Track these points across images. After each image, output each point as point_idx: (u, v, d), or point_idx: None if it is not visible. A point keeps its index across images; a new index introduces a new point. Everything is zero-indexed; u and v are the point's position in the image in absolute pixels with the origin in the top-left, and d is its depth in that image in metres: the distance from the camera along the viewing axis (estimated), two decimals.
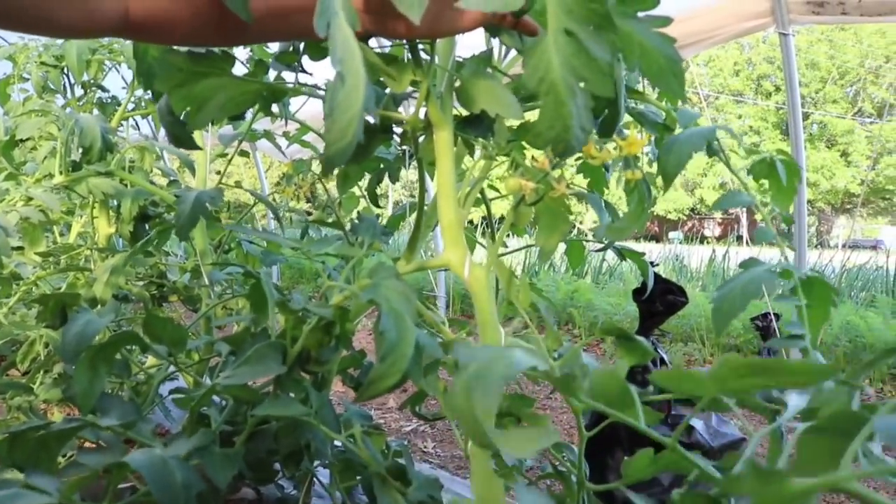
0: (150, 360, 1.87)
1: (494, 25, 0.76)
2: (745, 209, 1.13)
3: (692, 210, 28.77)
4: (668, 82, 0.77)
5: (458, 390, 0.55)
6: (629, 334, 0.91)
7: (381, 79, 0.89)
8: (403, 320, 0.71)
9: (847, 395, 0.60)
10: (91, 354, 1.06)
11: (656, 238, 26.05)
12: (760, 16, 3.20)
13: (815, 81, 25.89)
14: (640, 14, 0.73)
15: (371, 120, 0.97)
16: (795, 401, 0.65)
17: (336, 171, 1.28)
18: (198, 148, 0.96)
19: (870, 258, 7.51)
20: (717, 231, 28.40)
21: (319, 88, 1.19)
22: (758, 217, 1.08)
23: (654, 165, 1.18)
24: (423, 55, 0.83)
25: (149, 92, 1.82)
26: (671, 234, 22.92)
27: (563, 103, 0.58)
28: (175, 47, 0.84)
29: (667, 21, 0.73)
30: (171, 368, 1.17)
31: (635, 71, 0.76)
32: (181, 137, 0.98)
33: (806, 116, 25.16)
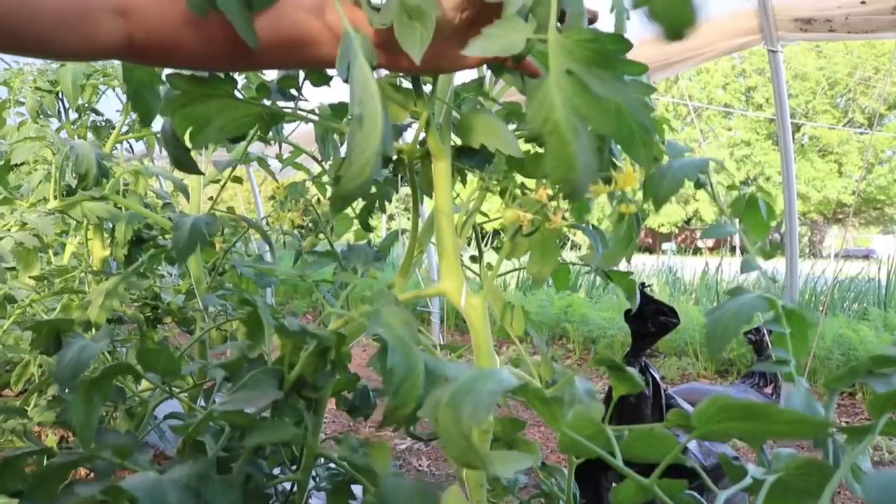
0: (145, 383, 1.88)
1: (497, 64, 0.78)
2: (738, 220, 1.14)
3: (686, 222, 28.86)
4: (636, 149, 0.78)
5: (445, 403, 0.56)
6: (620, 365, 0.92)
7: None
8: (410, 349, 0.72)
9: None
10: (86, 387, 1.07)
11: (650, 250, 26.11)
12: (749, 32, 3.24)
13: (804, 92, 26.04)
14: (627, 77, 0.74)
15: None
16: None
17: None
18: (200, 172, 0.97)
19: (862, 268, 7.54)
20: (711, 242, 28.46)
21: (315, 114, 1.20)
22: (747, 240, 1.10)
23: (638, 194, 1.20)
24: (423, 86, 0.84)
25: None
26: (664, 246, 23.00)
27: (567, 143, 0.58)
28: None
29: (651, 89, 0.74)
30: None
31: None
32: (183, 161, 0.98)
33: (797, 128, 25.32)
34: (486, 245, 1.16)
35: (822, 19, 3.03)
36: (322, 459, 1.31)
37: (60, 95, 1.84)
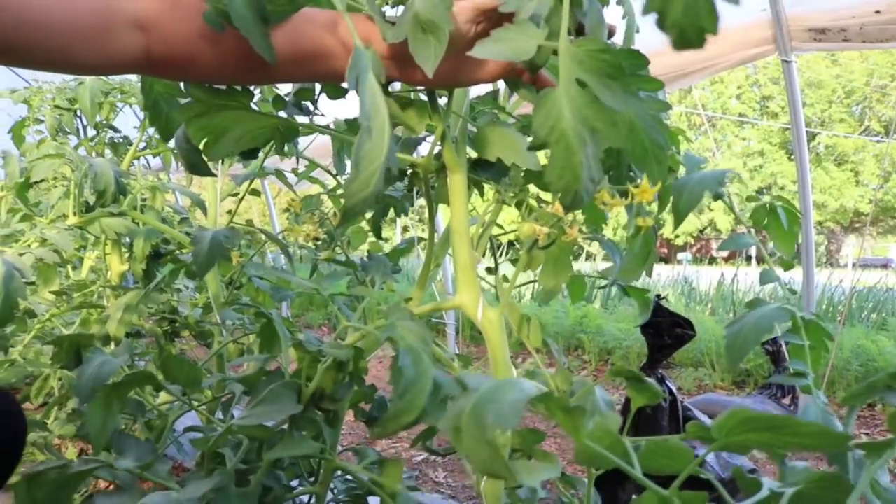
0: (163, 396, 1.89)
1: (512, 78, 0.78)
2: (754, 230, 1.14)
3: (701, 231, 28.71)
4: (650, 166, 0.78)
5: (468, 413, 0.56)
6: (638, 375, 0.92)
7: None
8: (420, 358, 0.72)
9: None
10: (105, 393, 1.08)
11: (665, 260, 25.98)
12: (763, 43, 3.23)
13: (820, 101, 25.91)
14: (643, 94, 0.74)
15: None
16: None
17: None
18: (213, 175, 0.98)
19: (880, 278, 7.48)
20: (726, 252, 28.31)
21: (330, 128, 1.21)
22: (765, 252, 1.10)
23: (654, 205, 1.20)
24: (439, 100, 0.85)
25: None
26: (680, 256, 22.89)
27: (574, 153, 0.58)
28: None
29: (666, 106, 0.74)
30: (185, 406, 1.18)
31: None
32: (197, 165, 0.99)
33: (812, 137, 25.16)
34: (501, 256, 1.16)
35: (836, 29, 3.02)
36: (340, 471, 1.31)
37: (79, 113, 1.87)
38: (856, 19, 2.97)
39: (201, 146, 0.84)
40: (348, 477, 1.38)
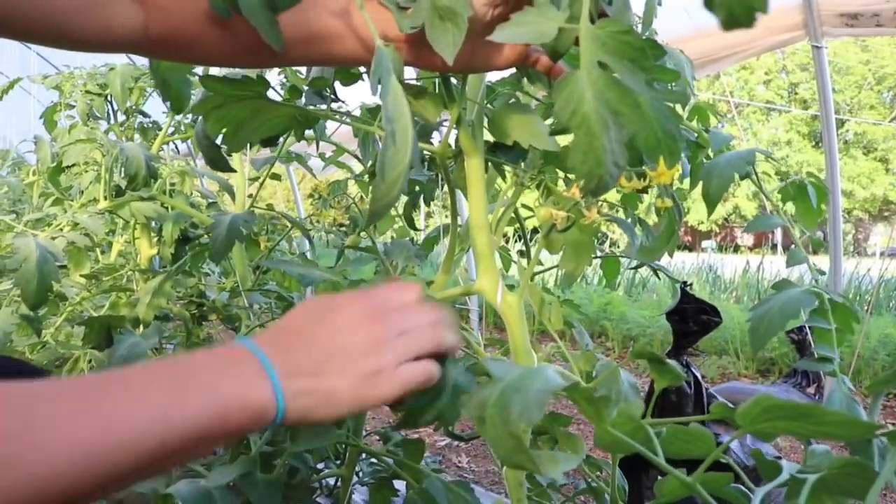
0: None
1: (528, 66, 0.78)
2: (784, 209, 1.13)
3: (725, 219, 28.43)
4: (662, 157, 0.78)
5: (493, 403, 0.57)
6: (661, 357, 0.92)
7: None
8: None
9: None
10: None
11: (690, 248, 25.78)
12: (793, 28, 3.19)
13: (850, 87, 25.48)
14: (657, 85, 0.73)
15: None
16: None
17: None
18: (232, 170, 0.99)
19: None
20: (751, 240, 28.04)
21: (350, 115, 1.22)
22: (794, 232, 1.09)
23: (686, 182, 1.20)
24: (454, 82, 0.85)
25: (187, 115, 1.88)
26: (704, 244, 22.69)
27: (596, 137, 0.57)
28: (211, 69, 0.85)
29: (684, 97, 0.73)
30: None
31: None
32: (217, 160, 1.01)
33: (841, 124, 24.77)
34: (532, 240, 1.17)
35: (869, 14, 2.97)
36: (366, 454, 1.33)
37: (109, 98, 1.89)
38: (890, 3, 2.92)
39: (220, 138, 0.84)
40: (374, 460, 1.40)
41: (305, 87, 1.08)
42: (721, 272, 8.37)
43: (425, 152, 0.94)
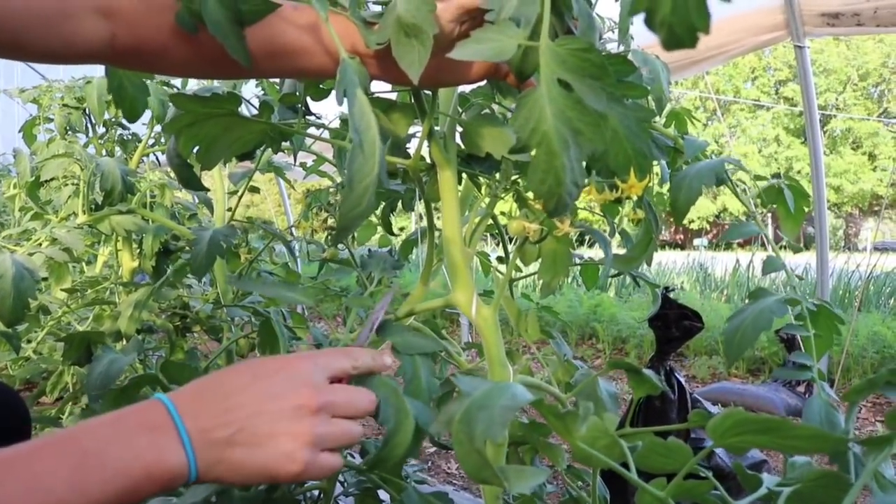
0: None
1: (499, 79, 0.77)
2: (770, 214, 1.13)
3: (716, 217, 28.52)
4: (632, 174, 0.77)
5: (458, 420, 0.57)
6: (637, 367, 0.92)
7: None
8: (401, 403, 0.71)
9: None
10: (114, 396, 1.09)
11: (681, 246, 25.85)
12: (775, 28, 3.20)
13: (836, 84, 25.62)
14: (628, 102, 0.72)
15: None
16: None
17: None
18: (205, 189, 0.99)
19: None
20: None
21: (325, 127, 1.21)
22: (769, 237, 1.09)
23: (665, 186, 1.20)
24: (426, 94, 0.84)
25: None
26: (696, 242, 22.76)
27: (556, 156, 0.57)
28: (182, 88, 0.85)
29: (652, 114, 0.73)
30: None
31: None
32: (189, 180, 1.00)
33: (828, 120, 24.90)
34: (511, 241, 1.16)
35: (849, 13, 2.99)
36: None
37: (87, 111, 1.88)
38: (870, 3, 2.93)
39: (193, 156, 0.83)
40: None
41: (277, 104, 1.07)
42: (712, 270, 8.39)
43: (398, 166, 0.93)
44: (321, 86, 1.07)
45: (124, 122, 1.99)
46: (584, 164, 0.60)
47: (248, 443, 0.57)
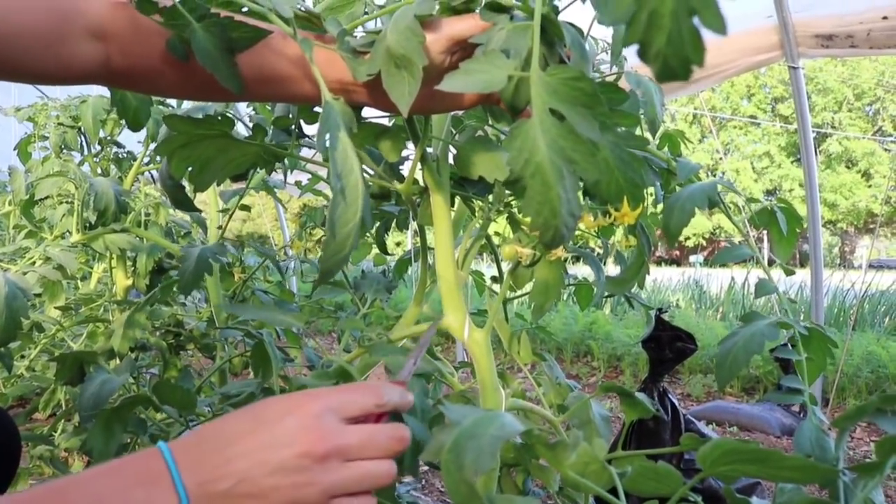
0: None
1: (492, 105, 0.77)
2: (765, 231, 1.13)
3: (712, 233, 28.57)
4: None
5: (447, 450, 0.56)
6: (629, 391, 0.92)
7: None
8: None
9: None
10: (106, 416, 1.09)
11: (677, 262, 25.88)
12: (769, 49, 3.22)
13: (832, 104, 25.78)
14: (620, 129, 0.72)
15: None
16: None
17: None
18: (198, 210, 0.98)
19: (894, 280, 7.38)
20: None
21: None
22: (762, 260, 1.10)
23: (660, 206, 1.20)
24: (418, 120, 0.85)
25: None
26: (691, 258, 22.80)
27: (551, 187, 0.56)
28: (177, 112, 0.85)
29: (645, 143, 0.72)
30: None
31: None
32: (182, 201, 1.00)
33: (823, 139, 25.00)
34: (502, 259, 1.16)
35: (843, 35, 3.01)
36: None
37: (83, 130, 1.89)
38: (863, 25, 2.95)
39: (186, 177, 0.83)
40: None
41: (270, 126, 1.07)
42: (707, 288, 8.38)
43: (391, 188, 0.93)
44: (315, 109, 1.07)
45: (119, 140, 2.00)
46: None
47: (250, 495, 0.55)
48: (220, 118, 0.84)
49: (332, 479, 0.56)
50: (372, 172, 0.92)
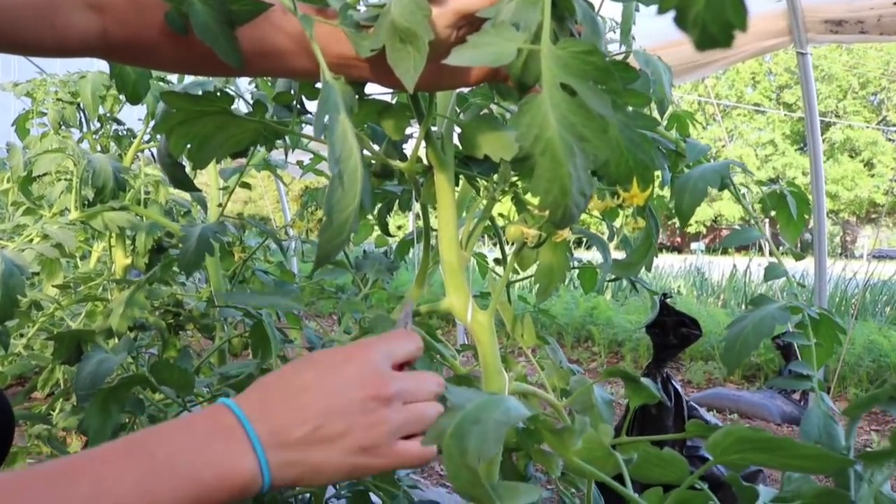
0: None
1: (499, 82, 0.75)
2: (767, 219, 1.12)
3: (714, 220, 28.52)
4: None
5: (450, 435, 0.55)
6: (634, 376, 0.90)
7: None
8: None
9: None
10: (102, 396, 1.08)
11: (678, 249, 25.85)
12: (778, 34, 3.17)
13: (836, 92, 25.65)
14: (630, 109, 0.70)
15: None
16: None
17: None
18: (198, 190, 0.97)
19: None
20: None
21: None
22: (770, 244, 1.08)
23: (666, 189, 1.18)
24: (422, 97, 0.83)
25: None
26: (693, 246, 22.76)
27: (561, 164, 0.54)
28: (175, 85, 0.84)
29: (655, 123, 0.70)
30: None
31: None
32: (181, 180, 0.98)
33: (827, 128, 24.88)
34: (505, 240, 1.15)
35: (853, 21, 2.97)
36: None
37: (82, 106, 1.86)
38: (874, 11, 2.91)
39: (185, 155, 0.82)
40: None
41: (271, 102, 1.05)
42: (709, 275, 8.37)
43: (394, 167, 0.91)
44: (317, 85, 1.05)
45: (119, 117, 1.97)
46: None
47: (324, 439, 0.55)
48: (219, 94, 0.82)
49: (399, 418, 0.58)
50: (375, 150, 0.90)
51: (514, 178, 0.95)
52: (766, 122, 27.06)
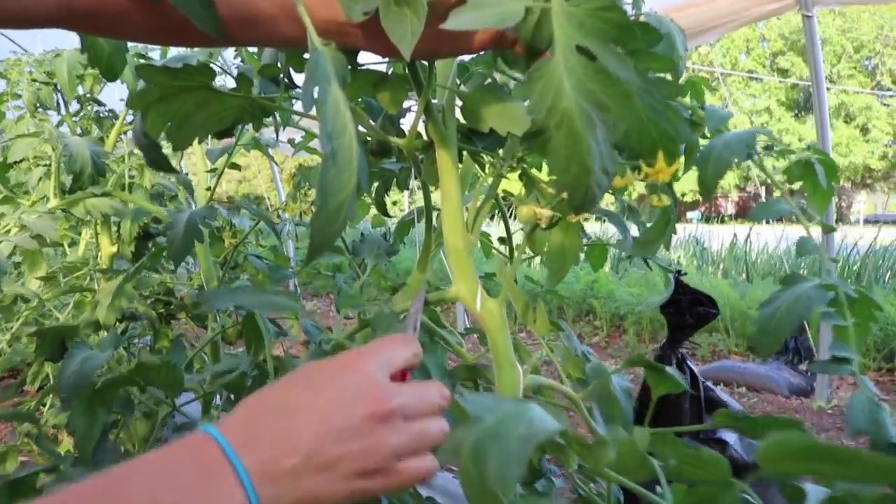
0: None
1: (505, 48, 0.67)
2: (763, 186, 1.05)
3: None
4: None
5: (468, 454, 0.48)
6: (657, 365, 0.84)
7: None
8: None
9: None
10: (88, 398, 1.01)
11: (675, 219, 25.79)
12: None
13: (830, 56, 25.47)
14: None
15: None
16: None
17: None
18: (175, 171, 0.89)
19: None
20: (734, 209, 28.16)
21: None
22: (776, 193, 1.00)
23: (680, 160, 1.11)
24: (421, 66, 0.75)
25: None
26: (689, 215, 22.72)
27: (580, 138, 0.48)
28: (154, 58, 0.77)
29: (679, 90, 0.62)
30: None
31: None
32: (157, 161, 0.91)
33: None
34: (510, 214, 1.07)
35: None
36: None
37: (58, 87, 1.77)
38: None
39: (163, 134, 0.74)
40: None
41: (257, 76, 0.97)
42: (708, 244, 8.31)
43: (392, 144, 0.84)
44: (305, 55, 0.97)
45: (100, 98, 1.88)
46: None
47: (320, 467, 0.50)
48: (200, 67, 0.74)
49: (399, 440, 0.53)
50: (371, 126, 0.82)
51: (521, 153, 0.88)
52: (763, 90, 26.90)
